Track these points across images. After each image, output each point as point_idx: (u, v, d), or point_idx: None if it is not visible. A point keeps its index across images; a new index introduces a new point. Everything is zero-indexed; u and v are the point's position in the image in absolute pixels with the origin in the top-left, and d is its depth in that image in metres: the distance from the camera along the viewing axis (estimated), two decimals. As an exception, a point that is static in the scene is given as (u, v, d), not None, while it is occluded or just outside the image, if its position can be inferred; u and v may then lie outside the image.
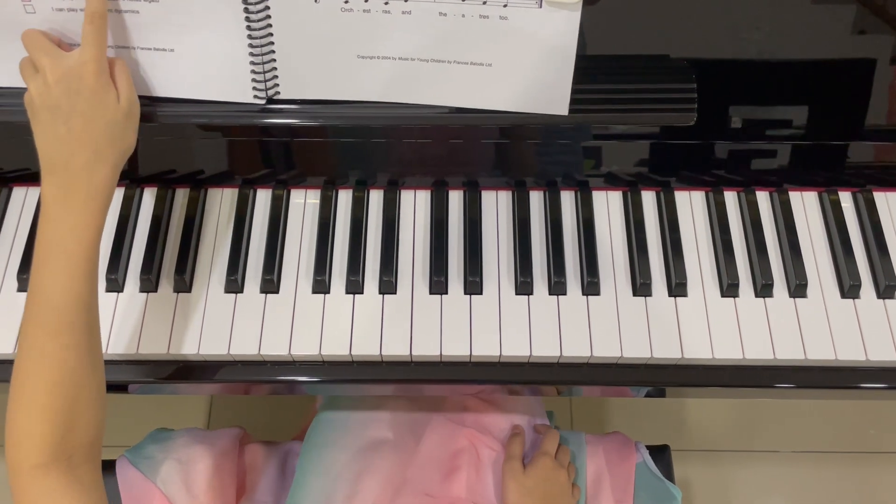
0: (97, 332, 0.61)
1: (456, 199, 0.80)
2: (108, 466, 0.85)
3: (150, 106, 0.71)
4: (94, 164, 0.60)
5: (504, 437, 0.86)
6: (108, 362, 0.72)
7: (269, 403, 1.42)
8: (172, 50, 0.68)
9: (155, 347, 0.72)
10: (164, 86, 0.70)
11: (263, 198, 0.80)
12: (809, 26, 0.74)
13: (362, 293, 0.75)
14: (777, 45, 0.75)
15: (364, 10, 0.65)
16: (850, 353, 0.72)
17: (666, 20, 0.74)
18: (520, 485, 0.79)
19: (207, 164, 0.79)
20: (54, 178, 0.60)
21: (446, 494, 0.79)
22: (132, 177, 0.79)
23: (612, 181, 0.80)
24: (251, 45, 0.67)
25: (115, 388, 0.77)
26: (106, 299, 0.74)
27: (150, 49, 0.67)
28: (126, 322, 0.73)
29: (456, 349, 0.72)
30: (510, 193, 0.80)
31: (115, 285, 0.74)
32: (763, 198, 0.80)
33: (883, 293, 0.75)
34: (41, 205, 0.61)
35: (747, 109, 0.77)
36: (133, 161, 0.78)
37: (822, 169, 0.80)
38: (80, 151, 0.60)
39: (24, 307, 0.60)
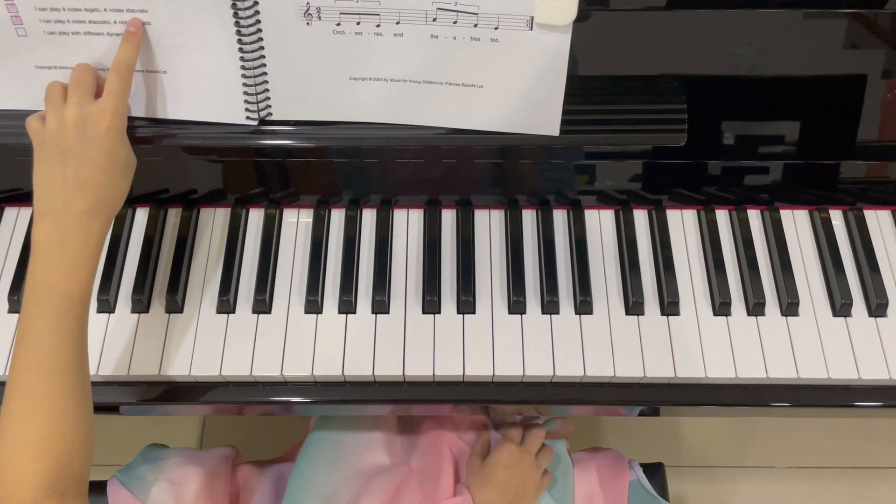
0: (87, 373, 0.62)
1: (449, 218, 0.80)
2: (99, 487, 0.85)
3: (143, 127, 0.71)
4: (94, 213, 0.61)
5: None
6: (99, 383, 0.73)
7: (262, 421, 1.41)
8: (165, 72, 0.68)
9: (146, 369, 0.72)
10: (157, 107, 0.70)
11: (256, 217, 0.80)
12: (800, 43, 0.75)
13: (355, 313, 0.75)
14: (768, 64, 0.75)
15: (356, 33, 0.66)
16: (842, 371, 0.72)
17: (656, 40, 0.74)
18: (477, 474, 0.80)
19: (200, 184, 0.79)
20: (51, 221, 0.60)
21: None
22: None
23: (604, 200, 0.80)
24: (243, 68, 0.68)
25: (106, 409, 0.76)
26: (97, 320, 0.74)
27: (142, 71, 0.68)
28: (117, 343, 0.73)
29: (449, 369, 0.72)
30: (503, 212, 0.80)
31: (107, 306, 0.74)
32: (754, 216, 0.80)
33: (874, 311, 0.75)
34: (33, 244, 0.61)
35: (738, 129, 0.77)
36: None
37: (814, 187, 0.80)
38: (83, 198, 0.61)
39: (14, 346, 0.60)
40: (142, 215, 0.79)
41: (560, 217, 0.80)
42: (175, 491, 0.82)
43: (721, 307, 0.75)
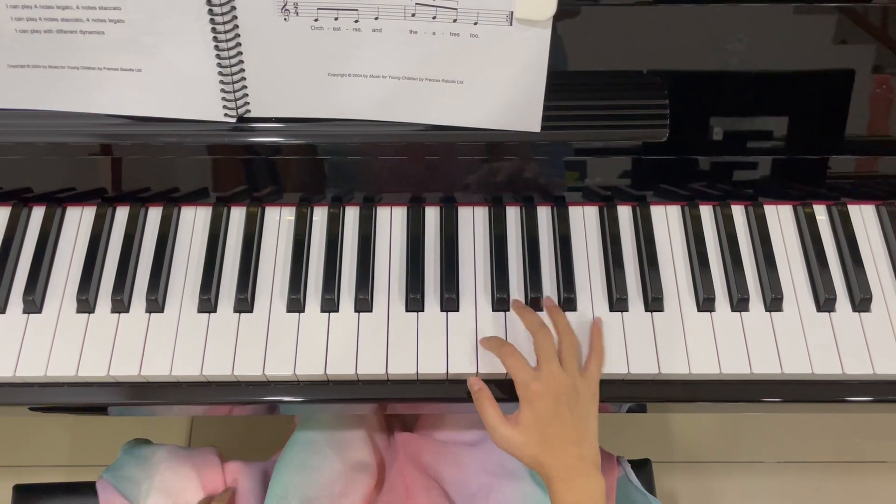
0: None
1: (432, 215, 0.79)
2: (89, 488, 0.84)
3: (121, 125, 0.70)
4: None
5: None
6: (80, 384, 0.72)
7: (250, 420, 1.40)
8: (140, 70, 0.67)
9: (126, 369, 0.71)
10: (133, 105, 0.70)
11: (237, 215, 0.79)
12: (786, 38, 0.75)
13: (338, 312, 0.74)
14: (753, 59, 0.75)
15: (334, 29, 0.65)
16: (826, 367, 0.72)
17: (638, 34, 0.74)
18: (512, 446, 0.65)
19: (180, 183, 0.78)
20: None
21: None
22: (104, 196, 0.78)
23: (587, 196, 0.80)
24: (220, 65, 0.67)
25: (90, 409, 0.76)
26: (76, 320, 0.73)
27: (117, 69, 0.67)
28: (97, 343, 0.72)
29: (432, 367, 0.72)
30: (486, 209, 0.80)
31: (86, 306, 0.73)
32: (738, 211, 0.80)
33: (858, 306, 0.75)
34: None
35: (722, 124, 0.77)
36: (105, 180, 0.77)
37: (798, 182, 0.80)
38: None
39: None
40: (122, 214, 0.79)
41: (544, 213, 0.80)
42: (171, 493, 0.81)
43: (705, 303, 0.74)
